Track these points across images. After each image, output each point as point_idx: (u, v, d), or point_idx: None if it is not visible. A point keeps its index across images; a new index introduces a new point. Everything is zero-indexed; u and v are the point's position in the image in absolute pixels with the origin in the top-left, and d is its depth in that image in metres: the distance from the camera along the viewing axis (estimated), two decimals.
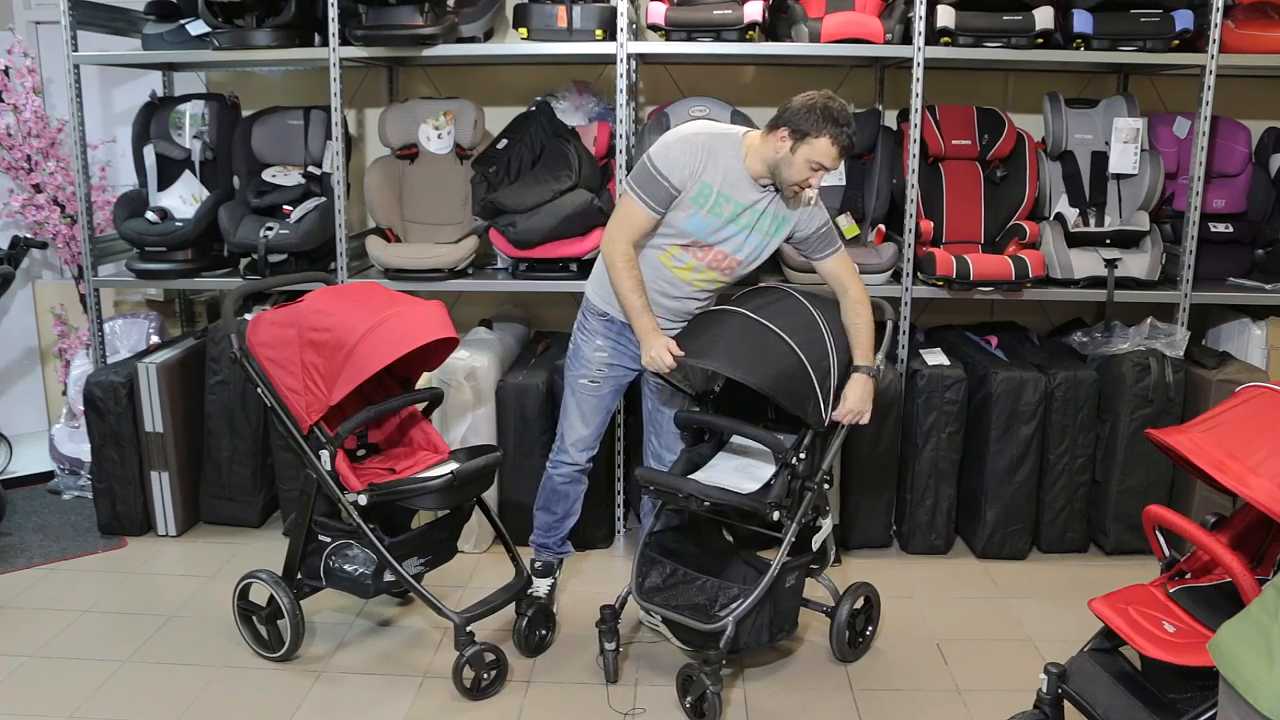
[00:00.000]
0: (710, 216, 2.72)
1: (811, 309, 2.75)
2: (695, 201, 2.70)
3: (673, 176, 2.67)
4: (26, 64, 4.26)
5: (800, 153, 2.62)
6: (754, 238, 2.78)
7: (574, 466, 3.05)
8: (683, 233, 2.75)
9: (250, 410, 3.73)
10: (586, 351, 2.96)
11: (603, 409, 3.00)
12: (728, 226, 2.75)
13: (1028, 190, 3.78)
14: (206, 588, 3.38)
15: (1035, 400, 3.46)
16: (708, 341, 2.67)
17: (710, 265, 2.81)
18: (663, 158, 2.68)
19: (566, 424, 3.02)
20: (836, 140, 2.60)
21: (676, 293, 2.84)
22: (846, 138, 2.62)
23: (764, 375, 2.56)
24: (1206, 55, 3.53)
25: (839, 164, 2.69)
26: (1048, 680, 2.28)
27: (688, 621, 2.64)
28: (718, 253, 2.79)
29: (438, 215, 3.95)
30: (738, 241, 2.77)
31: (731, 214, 2.73)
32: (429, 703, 2.74)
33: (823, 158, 2.61)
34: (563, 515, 3.14)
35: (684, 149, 2.68)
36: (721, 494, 2.64)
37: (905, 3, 3.62)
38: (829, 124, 2.59)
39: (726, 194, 2.71)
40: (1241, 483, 1.99)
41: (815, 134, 2.59)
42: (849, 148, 2.65)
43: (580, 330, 2.98)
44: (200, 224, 3.84)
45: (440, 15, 3.59)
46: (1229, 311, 3.92)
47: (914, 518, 3.62)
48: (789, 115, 2.63)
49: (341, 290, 2.92)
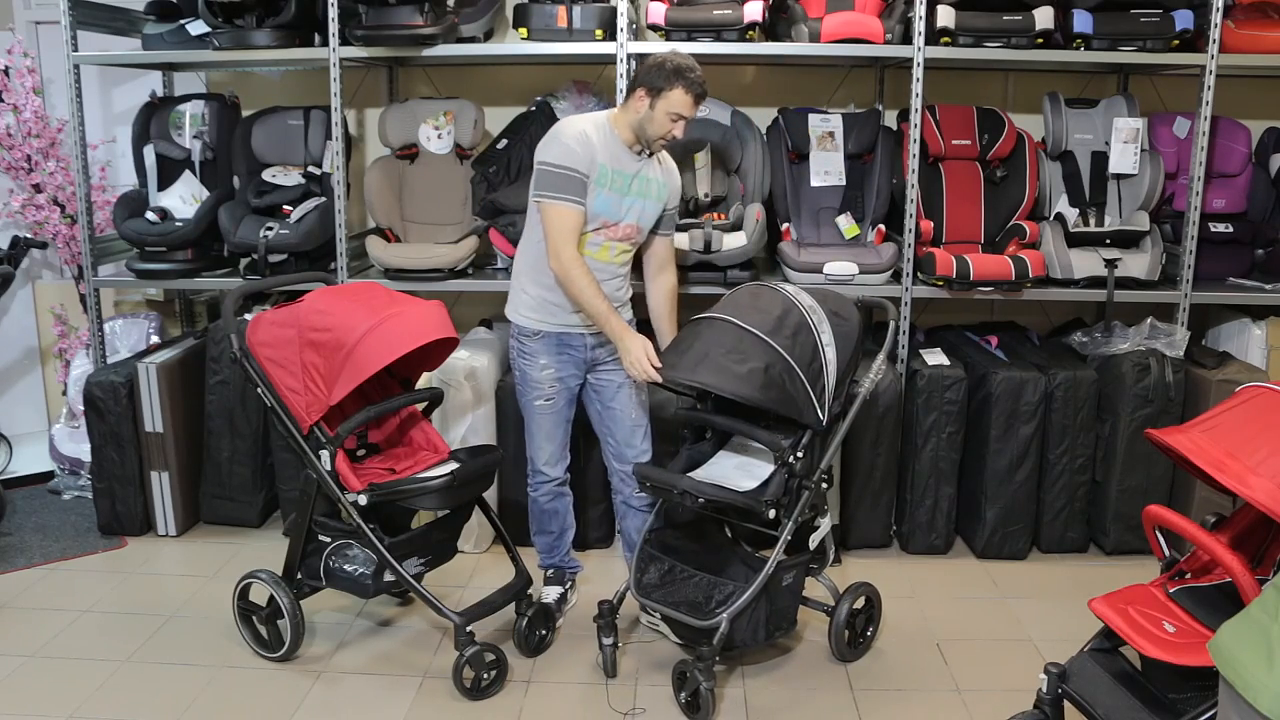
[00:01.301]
0: (612, 194, 2.85)
1: (800, 309, 2.72)
2: (598, 183, 2.82)
3: (579, 166, 2.78)
4: (26, 64, 4.26)
5: (659, 107, 2.78)
6: (649, 204, 2.94)
7: (552, 482, 3.07)
8: (593, 216, 2.85)
9: (250, 410, 3.73)
10: (533, 374, 2.97)
11: (562, 421, 3.04)
12: (626, 199, 2.88)
13: (1028, 190, 3.78)
14: (206, 588, 3.38)
15: (1035, 400, 3.46)
16: (693, 356, 2.65)
17: (621, 239, 2.93)
18: (560, 154, 2.78)
19: (534, 446, 3.05)
20: (689, 89, 2.77)
21: (603, 275, 2.91)
22: (698, 85, 2.79)
23: (751, 386, 2.55)
24: (1206, 55, 3.53)
25: (696, 111, 2.82)
26: (1048, 680, 2.28)
27: (683, 618, 2.65)
28: (626, 227, 2.92)
29: (438, 215, 3.95)
30: (638, 209, 2.91)
31: (625, 185, 2.87)
32: (429, 703, 2.74)
33: (680, 108, 2.78)
34: (559, 532, 3.16)
35: (572, 139, 2.80)
36: (716, 491, 2.63)
37: (905, 3, 3.62)
38: (679, 75, 2.75)
39: (618, 169, 2.85)
40: (1241, 483, 1.99)
41: (669, 87, 2.76)
42: (702, 95, 2.81)
43: (520, 356, 2.99)
44: (200, 224, 3.84)
45: (440, 15, 3.59)
46: (1229, 311, 3.92)
47: (914, 518, 3.62)
48: (642, 76, 2.80)
49: (341, 290, 2.92)
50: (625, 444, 3.06)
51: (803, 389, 2.62)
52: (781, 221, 3.82)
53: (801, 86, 4.20)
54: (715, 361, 2.60)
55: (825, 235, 3.87)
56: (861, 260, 3.62)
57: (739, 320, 2.67)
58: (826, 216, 3.89)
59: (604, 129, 2.85)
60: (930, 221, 3.75)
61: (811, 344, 2.67)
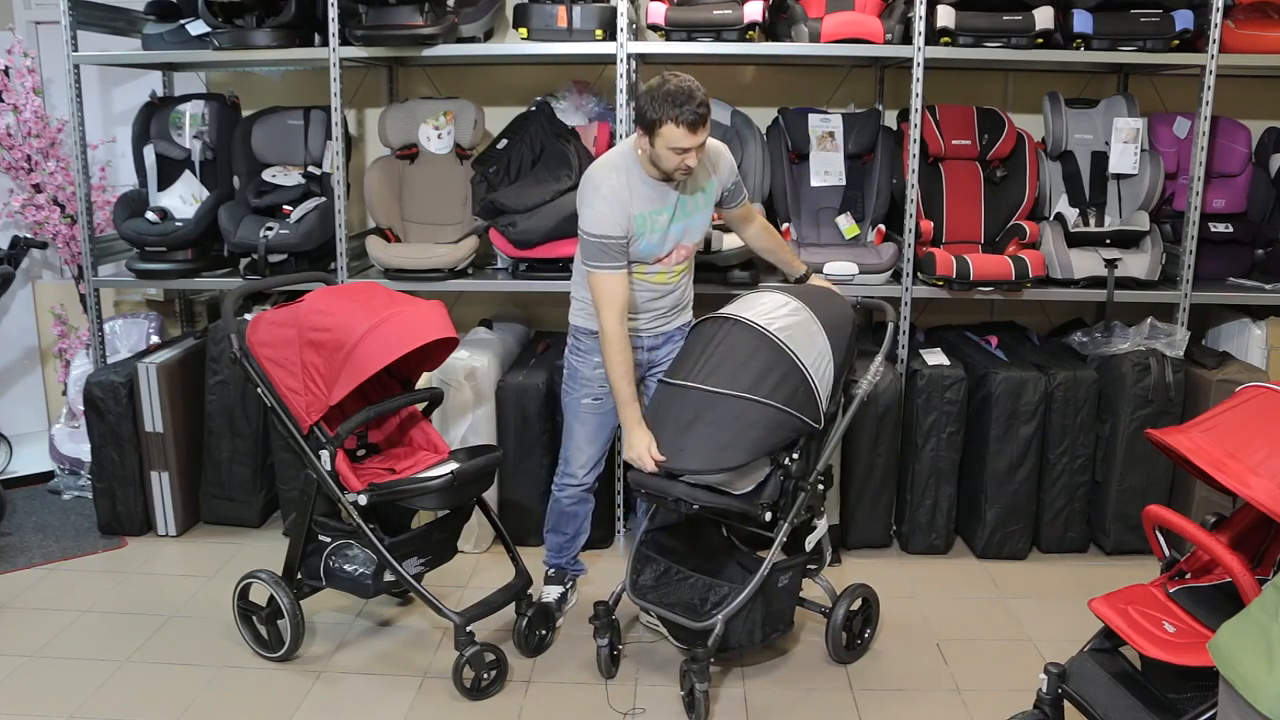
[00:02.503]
0: (654, 233, 2.80)
1: (771, 340, 2.68)
2: (639, 234, 2.78)
3: (615, 231, 2.71)
4: (26, 64, 4.26)
5: (659, 145, 2.63)
6: (696, 217, 2.88)
7: (581, 487, 3.05)
8: (642, 258, 2.83)
9: (250, 410, 3.73)
10: (585, 371, 2.95)
11: (608, 426, 2.99)
12: (670, 229, 2.83)
13: (1028, 190, 3.78)
14: (206, 588, 3.38)
15: (1035, 400, 3.46)
16: (692, 439, 2.60)
17: (678, 261, 2.91)
18: (597, 224, 2.71)
19: (573, 446, 3.02)
20: (679, 120, 2.56)
21: (663, 290, 2.93)
22: (690, 113, 2.56)
23: (751, 443, 2.55)
24: (1206, 55, 3.53)
25: (700, 138, 2.63)
26: (1048, 680, 2.28)
27: (678, 619, 2.65)
28: (677, 250, 2.89)
29: (438, 215, 3.95)
30: (688, 230, 2.87)
31: (667, 220, 2.81)
32: (429, 703, 2.74)
33: (678, 141, 2.60)
34: (573, 535, 3.14)
35: (606, 205, 2.71)
36: (710, 497, 2.62)
37: (905, 3, 3.62)
38: (667, 107, 2.56)
39: (655, 210, 2.78)
40: (1241, 483, 1.99)
41: (660, 123, 2.58)
42: (698, 120, 2.58)
43: (574, 352, 2.99)
44: (200, 224, 3.84)
45: (440, 15, 3.59)
46: (1229, 311, 3.92)
47: (914, 518, 3.62)
48: (637, 113, 2.64)
49: (341, 290, 2.92)
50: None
51: (797, 401, 2.62)
52: (781, 221, 3.82)
53: (801, 86, 4.20)
54: (711, 435, 2.58)
55: (825, 235, 3.87)
56: (861, 260, 3.62)
57: (720, 388, 2.63)
58: (826, 216, 3.89)
59: (633, 172, 2.75)
60: (930, 221, 3.75)
61: (787, 365, 2.64)
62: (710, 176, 2.87)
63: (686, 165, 2.67)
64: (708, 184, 2.87)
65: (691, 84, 2.60)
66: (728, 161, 2.92)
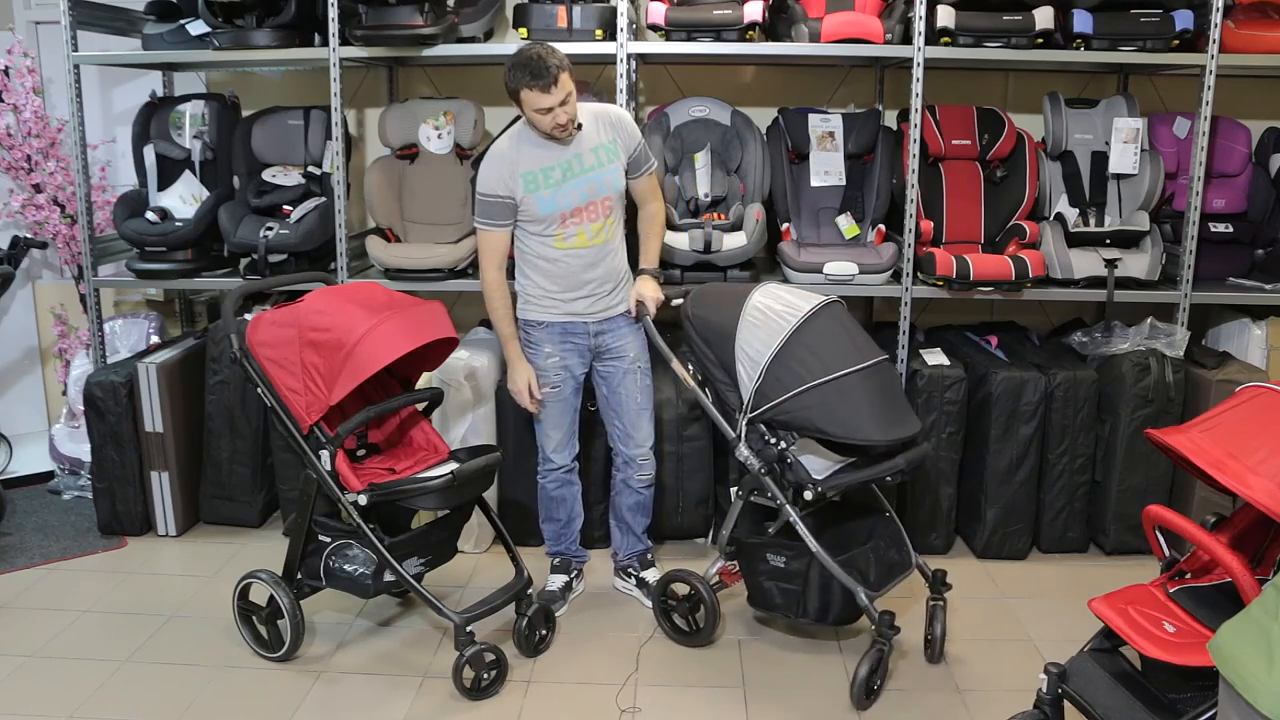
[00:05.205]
0: (550, 190, 2.91)
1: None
2: (529, 189, 2.90)
3: (498, 189, 2.91)
4: (26, 64, 4.26)
5: (525, 110, 2.82)
6: (606, 170, 2.96)
7: (560, 469, 3.17)
8: (549, 216, 2.92)
9: (250, 410, 3.73)
10: (538, 361, 3.08)
11: (570, 409, 3.13)
12: (570, 184, 2.92)
13: (1028, 190, 3.78)
14: (206, 588, 3.38)
15: (1035, 400, 3.46)
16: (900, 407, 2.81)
17: (593, 219, 2.97)
18: (483, 183, 2.94)
19: (542, 434, 3.17)
20: (533, 85, 2.73)
21: (590, 258, 2.99)
22: (540, 76, 2.71)
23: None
24: (1206, 55, 3.53)
25: (559, 97, 2.77)
26: (1048, 680, 2.28)
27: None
28: (591, 206, 2.96)
29: (438, 215, 3.95)
30: (595, 183, 2.95)
31: (562, 175, 2.91)
32: (429, 703, 2.74)
33: (538, 103, 2.77)
34: (566, 520, 3.23)
35: (490, 165, 2.93)
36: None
37: (905, 3, 3.62)
38: (520, 75, 2.75)
39: (546, 166, 2.90)
40: (1241, 483, 1.99)
41: (518, 91, 2.78)
42: (550, 80, 2.73)
43: (527, 346, 3.09)
44: (200, 224, 3.84)
45: (440, 15, 3.59)
46: (1229, 311, 3.92)
47: (914, 518, 3.62)
48: (506, 85, 2.80)
49: (341, 290, 2.92)
50: (632, 427, 3.14)
51: None
52: (781, 221, 3.82)
53: (801, 86, 4.20)
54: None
55: (825, 235, 3.87)
56: (861, 260, 3.62)
57: (870, 359, 2.76)
58: (826, 216, 3.89)
59: (524, 135, 2.93)
60: (930, 221, 3.74)
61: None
62: (611, 136, 2.99)
63: (557, 123, 2.81)
64: (609, 141, 2.98)
65: (541, 50, 2.76)
66: (629, 127, 3.05)
